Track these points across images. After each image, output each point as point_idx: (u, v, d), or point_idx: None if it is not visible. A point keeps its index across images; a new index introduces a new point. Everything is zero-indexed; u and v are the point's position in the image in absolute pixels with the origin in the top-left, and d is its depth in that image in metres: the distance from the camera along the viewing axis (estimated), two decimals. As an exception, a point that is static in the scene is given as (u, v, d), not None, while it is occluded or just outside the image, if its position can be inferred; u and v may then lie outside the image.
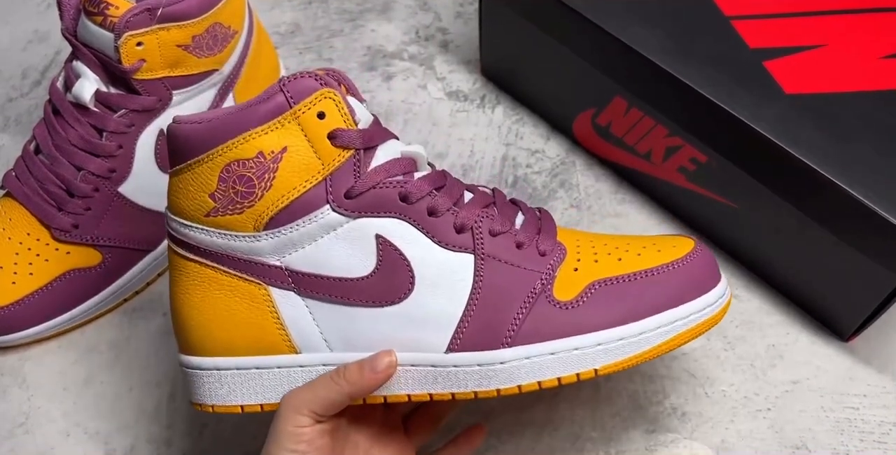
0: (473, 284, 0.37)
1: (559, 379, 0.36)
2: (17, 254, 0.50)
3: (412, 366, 0.37)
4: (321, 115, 0.35)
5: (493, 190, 0.41)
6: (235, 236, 0.37)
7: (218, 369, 0.38)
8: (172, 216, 0.38)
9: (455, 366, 0.37)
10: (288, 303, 0.37)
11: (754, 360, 0.49)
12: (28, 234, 0.50)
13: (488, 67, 0.65)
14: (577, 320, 0.37)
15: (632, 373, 0.49)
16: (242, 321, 0.38)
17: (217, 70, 0.53)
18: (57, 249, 0.50)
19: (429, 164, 0.40)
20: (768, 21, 0.51)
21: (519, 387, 0.36)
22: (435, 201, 0.37)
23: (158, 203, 0.52)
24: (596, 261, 0.38)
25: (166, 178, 0.53)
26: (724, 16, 0.51)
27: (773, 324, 0.51)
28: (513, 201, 0.41)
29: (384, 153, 0.37)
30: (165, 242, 0.54)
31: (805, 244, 0.48)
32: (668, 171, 0.54)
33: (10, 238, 0.50)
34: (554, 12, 0.53)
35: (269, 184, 0.35)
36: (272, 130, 0.35)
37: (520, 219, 0.39)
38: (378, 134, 0.37)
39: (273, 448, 0.36)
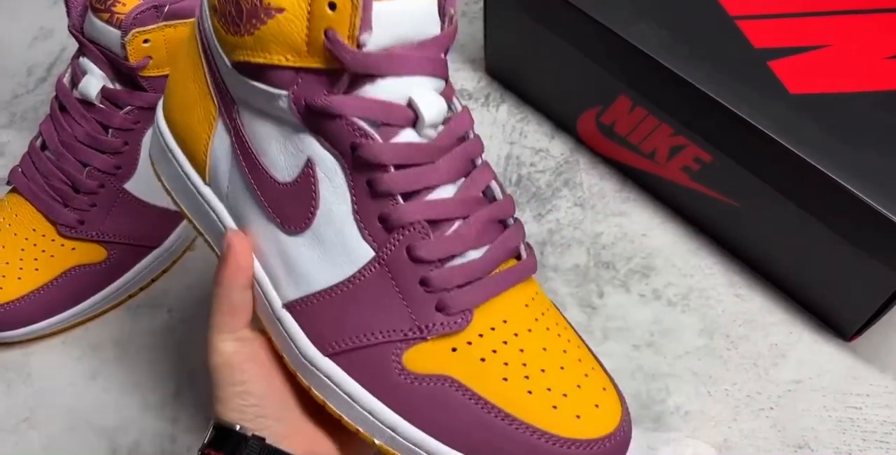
0: (350, 279, 0.31)
1: (342, 418, 0.32)
2: (22, 249, 0.50)
3: (260, 293, 0.34)
4: (332, 6, 0.29)
5: (495, 200, 0.33)
6: (219, 50, 0.33)
7: (161, 133, 0.38)
8: None
9: (283, 326, 0.33)
10: (221, 138, 0.35)
11: (757, 360, 0.49)
12: (34, 230, 0.50)
13: (493, 66, 0.65)
14: (397, 398, 0.31)
15: (634, 371, 0.49)
16: (192, 113, 0.36)
17: (222, 67, 0.53)
18: (62, 245, 0.50)
19: (466, 137, 0.32)
20: (773, 21, 0.51)
21: (324, 402, 0.33)
22: (382, 178, 0.30)
23: (164, 200, 0.53)
24: (483, 359, 0.30)
25: (171, 174, 0.53)
26: (728, 15, 0.51)
27: (775, 323, 0.51)
28: (502, 224, 0.33)
29: (381, 89, 0.30)
30: (170, 239, 0.54)
31: (808, 243, 0.48)
32: (673, 170, 0.54)
33: (15, 234, 0.50)
34: (559, 11, 0.53)
35: (251, 30, 0.30)
36: None
37: (474, 254, 0.31)
38: (383, 64, 0.30)
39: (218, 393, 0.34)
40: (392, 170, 0.30)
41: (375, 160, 0.30)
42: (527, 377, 0.30)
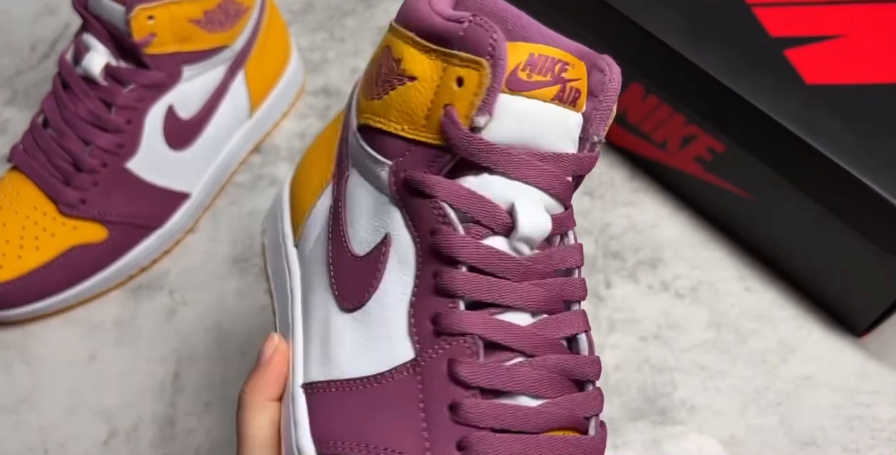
0: (380, 376, 0.28)
1: None
2: (23, 228, 0.49)
3: (289, 363, 0.32)
4: (460, 81, 0.27)
5: (577, 354, 0.28)
6: (354, 111, 0.32)
7: (281, 193, 0.39)
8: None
9: (293, 406, 0.30)
10: (325, 201, 0.33)
11: (766, 354, 0.48)
12: (35, 208, 0.49)
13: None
14: None
15: (640, 363, 0.48)
16: (312, 174, 0.36)
17: (228, 46, 0.52)
18: (63, 224, 0.50)
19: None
20: (790, 9, 0.50)
21: None
22: (451, 274, 0.27)
23: (166, 180, 0.52)
24: None
25: (174, 154, 0.53)
26: (745, 2, 0.50)
27: (786, 318, 0.50)
28: (577, 384, 0.28)
29: (485, 184, 0.28)
30: (173, 220, 0.53)
31: (821, 237, 0.47)
32: (685, 160, 0.53)
33: (16, 211, 0.49)
34: (573, -5, 0.52)
35: (380, 94, 0.29)
36: (423, 51, 0.28)
37: (527, 401, 0.26)
38: (494, 158, 0.27)
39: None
40: (464, 269, 0.27)
41: (450, 252, 0.27)
42: None
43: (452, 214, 0.27)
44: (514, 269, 0.27)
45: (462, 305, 0.27)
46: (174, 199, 0.53)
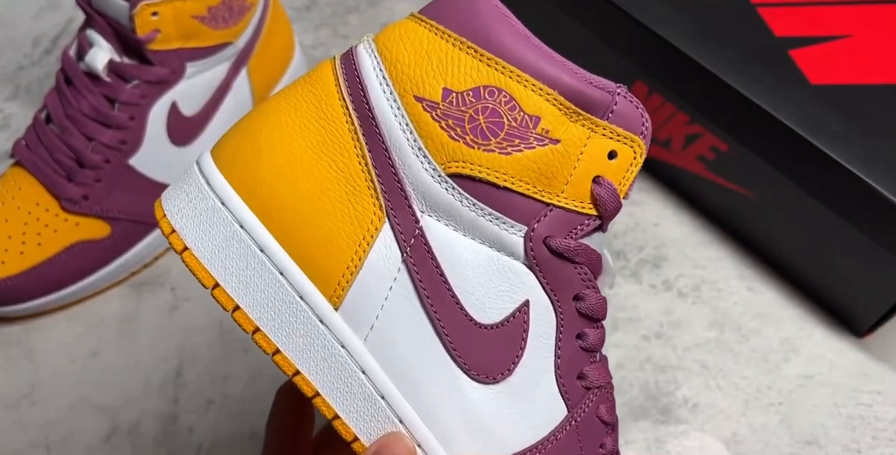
0: (544, 441, 0.28)
1: None
2: (25, 224, 0.49)
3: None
4: (612, 155, 0.28)
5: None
6: (419, 149, 0.28)
7: (224, 203, 0.28)
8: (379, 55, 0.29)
9: None
10: (385, 252, 0.28)
11: (768, 354, 0.48)
12: (37, 204, 0.49)
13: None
14: None
15: (643, 362, 0.48)
16: (324, 209, 0.28)
17: (231, 43, 0.52)
18: (66, 220, 0.49)
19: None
20: (795, 9, 0.50)
21: None
22: (594, 333, 0.29)
23: (169, 176, 0.52)
24: None
25: (177, 151, 0.53)
26: (750, 2, 0.50)
27: (787, 317, 0.50)
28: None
29: (596, 240, 0.29)
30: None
31: (824, 237, 0.47)
32: (688, 159, 0.53)
33: (19, 207, 0.49)
34: (578, -7, 0.52)
35: (508, 149, 0.27)
36: (569, 115, 0.28)
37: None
38: (608, 218, 0.29)
39: None
40: (599, 326, 0.30)
41: (595, 314, 0.29)
42: None
43: (592, 277, 0.29)
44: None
45: (598, 355, 0.30)
46: (177, 195, 0.53)
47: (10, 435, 0.47)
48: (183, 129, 0.52)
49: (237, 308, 0.28)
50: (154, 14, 0.46)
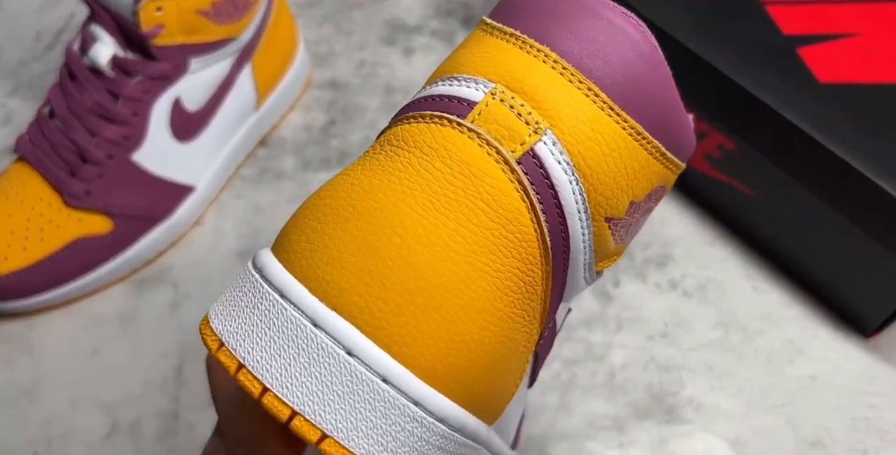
0: None
1: None
2: (28, 219, 0.49)
3: None
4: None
5: None
6: (588, 259, 0.24)
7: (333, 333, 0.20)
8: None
9: None
10: (526, 380, 0.25)
11: (772, 354, 0.48)
12: (40, 199, 0.49)
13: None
14: None
15: (647, 362, 0.48)
16: (499, 354, 0.21)
17: (235, 38, 0.52)
18: (68, 216, 0.49)
19: None
20: (803, 7, 0.50)
21: None
22: None
23: (172, 172, 0.52)
24: None
25: (180, 147, 0.52)
26: (758, 0, 0.50)
27: (792, 317, 0.50)
28: None
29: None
30: (178, 213, 0.53)
31: (831, 237, 0.47)
32: (694, 157, 0.52)
33: (21, 202, 0.49)
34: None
35: (635, 233, 0.25)
36: (661, 160, 0.23)
37: None
38: None
39: None
40: None
41: None
42: None
43: None
44: None
45: None
46: (179, 191, 0.53)
47: (10, 432, 0.47)
48: (186, 125, 0.52)
49: None
50: (158, 9, 0.46)
